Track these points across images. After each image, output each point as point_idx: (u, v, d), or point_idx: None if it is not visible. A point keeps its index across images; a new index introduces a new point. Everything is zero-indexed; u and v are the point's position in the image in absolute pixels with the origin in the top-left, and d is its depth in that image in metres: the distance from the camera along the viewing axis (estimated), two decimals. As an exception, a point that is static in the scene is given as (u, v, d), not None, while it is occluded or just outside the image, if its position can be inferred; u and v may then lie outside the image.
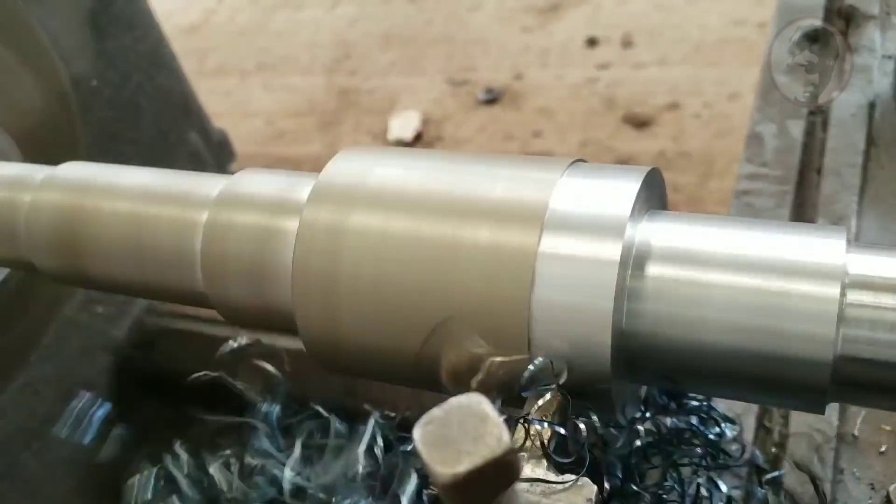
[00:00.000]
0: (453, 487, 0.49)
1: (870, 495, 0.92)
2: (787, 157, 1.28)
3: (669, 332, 0.67)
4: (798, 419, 1.00)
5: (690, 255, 0.67)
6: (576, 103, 3.24)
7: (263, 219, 0.81)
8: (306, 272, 0.75)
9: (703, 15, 3.49)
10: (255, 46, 4.05)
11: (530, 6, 3.79)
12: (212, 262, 0.83)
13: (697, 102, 3.10)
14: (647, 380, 0.78)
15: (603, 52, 3.45)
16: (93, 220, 0.92)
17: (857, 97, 1.33)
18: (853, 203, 1.18)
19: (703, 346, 0.66)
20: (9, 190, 1.01)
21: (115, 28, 1.75)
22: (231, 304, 0.85)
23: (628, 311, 0.67)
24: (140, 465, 1.07)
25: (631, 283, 0.67)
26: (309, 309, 0.76)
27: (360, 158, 0.80)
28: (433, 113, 3.37)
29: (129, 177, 0.95)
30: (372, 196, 0.75)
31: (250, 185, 0.85)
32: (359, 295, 0.73)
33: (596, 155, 2.96)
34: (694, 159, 2.86)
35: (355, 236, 0.74)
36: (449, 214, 0.72)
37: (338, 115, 3.50)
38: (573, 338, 0.66)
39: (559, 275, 0.66)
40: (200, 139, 2.10)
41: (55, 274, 0.99)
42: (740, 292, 0.64)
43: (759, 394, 0.73)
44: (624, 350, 0.68)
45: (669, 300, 0.66)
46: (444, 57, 3.65)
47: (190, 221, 0.85)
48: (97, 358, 1.83)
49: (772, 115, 1.34)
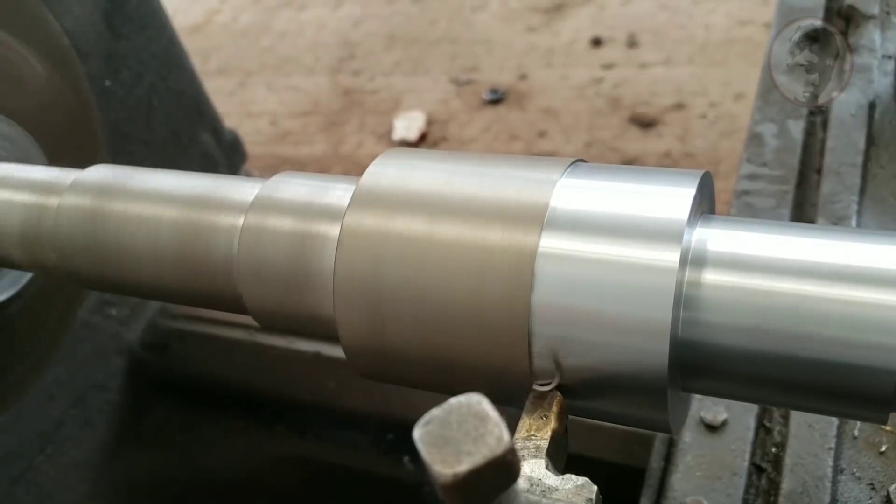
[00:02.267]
0: (453, 487, 0.49)
1: (870, 495, 0.92)
2: (787, 157, 1.28)
3: (729, 343, 0.64)
4: (798, 419, 1.00)
5: (751, 262, 0.65)
6: (581, 103, 3.24)
7: (303, 224, 0.80)
8: (349, 278, 0.74)
9: (709, 15, 3.49)
10: (259, 47, 4.05)
11: (535, 6, 3.79)
12: (249, 267, 0.82)
13: (703, 102, 3.10)
14: (699, 390, 0.75)
15: (608, 52, 3.45)
16: (124, 225, 0.91)
17: (857, 97, 1.33)
18: (853, 203, 1.18)
19: (767, 357, 0.63)
20: (36, 194, 1.00)
21: (127, 28, 1.74)
22: (268, 309, 0.83)
23: (684, 320, 0.65)
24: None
25: (687, 290, 0.65)
26: (351, 315, 0.75)
27: (399, 162, 0.79)
28: (438, 113, 3.37)
29: (160, 181, 0.93)
30: (415, 200, 0.74)
31: (287, 189, 0.84)
32: (404, 302, 0.71)
33: (601, 155, 2.96)
34: (700, 160, 2.86)
35: (400, 242, 0.72)
36: (495, 219, 0.70)
37: (342, 115, 3.50)
38: (624, 348, 0.64)
39: (606, 282, 0.64)
40: (213, 140, 2.09)
41: (84, 279, 0.97)
42: (807, 301, 0.62)
43: (819, 403, 0.70)
44: (677, 360, 0.65)
45: (729, 309, 0.64)
46: (449, 57, 3.65)
47: (226, 226, 0.84)
48: (110, 361, 1.84)
49: (772, 115, 1.34)
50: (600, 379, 0.67)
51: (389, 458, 1.79)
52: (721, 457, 1.00)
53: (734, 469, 0.98)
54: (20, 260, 1.03)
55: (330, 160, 3.28)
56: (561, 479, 0.63)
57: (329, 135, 3.42)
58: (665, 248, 0.63)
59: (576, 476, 0.63)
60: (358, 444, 1.88)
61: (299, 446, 1.93)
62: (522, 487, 0.61)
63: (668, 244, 0.63)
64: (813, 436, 0.97)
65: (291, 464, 1.90)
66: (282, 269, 0.80)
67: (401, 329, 0.73)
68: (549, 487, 0.62)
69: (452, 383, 0.73)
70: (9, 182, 1.04)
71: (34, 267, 1.05)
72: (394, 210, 0.74)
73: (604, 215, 0.67)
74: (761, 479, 0.99)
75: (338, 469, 1.89)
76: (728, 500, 0.96)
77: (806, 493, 0.93)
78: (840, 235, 0.66)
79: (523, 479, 0.62)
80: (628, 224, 0.66)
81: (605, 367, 0.66)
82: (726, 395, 0.79)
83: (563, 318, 0.66)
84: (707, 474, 0.99)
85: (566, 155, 0.84)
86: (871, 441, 0.96)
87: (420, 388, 0.80)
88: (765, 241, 0.66)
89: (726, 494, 0.96)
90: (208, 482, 1.91)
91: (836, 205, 1.19)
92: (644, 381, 0.65)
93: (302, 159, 3.29)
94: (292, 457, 1.92)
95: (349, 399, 1.82)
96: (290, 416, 1.94)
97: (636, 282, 0.63)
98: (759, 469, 0.99)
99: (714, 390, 0.76)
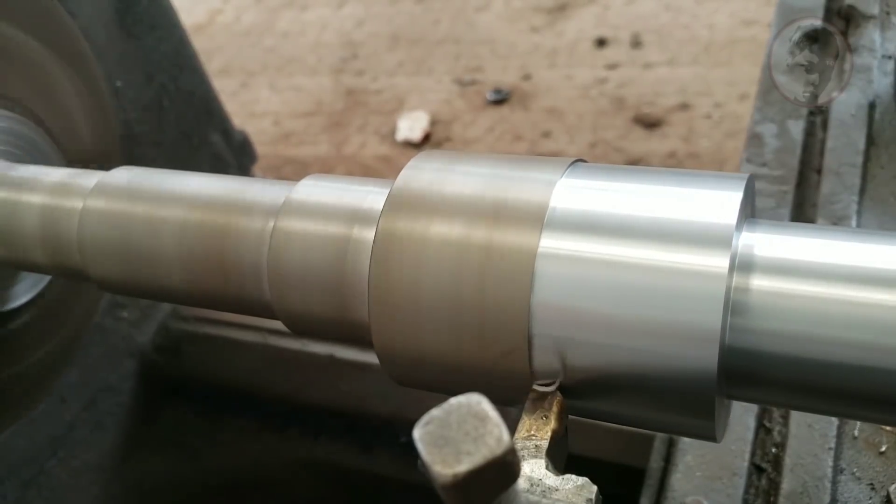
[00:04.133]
0: (453, 487, 0.49)
1: (870, 495, 0.92)
2: (787, 157, 1.28)
3: (779, 350, 0.63)
4: (798, 419, 1.00)
5: (800, 268, 0.63)
6: (585, 104, 3.23)
7: (335, 228, 0.78)
8: (385, 283, 0.72)
9: (713, 15, 3.48)
10: (261, 47, 4.05)
11: (538, 6, 3.78)
12: (280, 272, 0.80)
13: (708, 103, 3.09)
14: (743, 397, 0.73)
15: (612, 53, 3.44)
16: (151, 228, 0.89)
17: (857, 97, 1.33)
18: (853, 203, 1.18)
19: (817, 365, 0.62)
20: (58, 196, 0.98)
21: (138, 28, 1.72)
22: (299, 314, 0.82)
23: (731, 327, 0.63)
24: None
25: (734, 296, 0.63)
26: (386, 321, 0.73)
27: (433, 166, 0.77)
28: (441, 113, 3.37)
29: (186, 183, 0.92)
30: (453, 205, 0.72)
31: (317, 193, 0.83)
32: (443, 308, 0.70)
33: (605, 156, 2.96)
34: (705, 160, 2.85)
35: (437, 247, 0.70)
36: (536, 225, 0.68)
37: (345, 115, 3.50)
38: (671, 355, 0.63)
39: (651, 288, 0.63)
40: (223, 141, 2.07)
41: (110, 283, 0.96)
42: (859, 307, 0.60)
43: (871, 412, 0.68)
44: (723, 367, 0.64)
45: (778, 315, 0.62)
46: (452, 57, 3.64)
47: (256, 230, 0.83)
48: (122, 363, 1.82)
49: (772, 115, 1.34)
50: (638, 384, 0.65)
51: (403, 462, 1.78)
52: (721, 457, 1.00)
53: (734, 469, 0.98)
54: (43, 263, 1.02)
55: (333, 160, 3.28)
56: (561, 479, 0.63)
57: (332, 135, 3.41)
58: (714, 253, 0.62)
59: (576, 476, 0.63)
60: (372, 448, 1.85)
61: (313, 449, 1.91)
62: (522, 487, 0.61)
63: (716, 248, 0.62)
64: (813, 436, 0.97)
65: (304, 467, 1.89)
66: (313, 274, 0.79)
67: (438, 335, 0.71)
68: (549, 487, 0.63)
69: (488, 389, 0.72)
70: (29, 183, 1.03)
71: (57, 270, 1.03)
72: (431, 214, 0.72)
73: (648, 220, 0.66)
74: (761, 480, 0.99)
75: (351, 472, 1.86)
76: (728, 500, 0.95)
77: (806, 493, 0.93)
78: (888, 240, 0.64)
79: (523, 479, 0.62)
80: (675, 229, 0.64)
81: (648, 372, 0.64)
82: (771, 403, 0.78)
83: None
84: (707, 474, 0.99)
85: (570, 155, 0.83)
86: (871, 441, 0.96)
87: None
88: (813, 246, 0.64)
89: (726, 494, 0.96)
90: (220, 485, 1.90)
91: (835, 205, 1.19)
92: (689, 388, 0.63)
93: (305, 160, 3.29)
94: (305, 460, 1.89)
95: (363, 402, 1.80)
96: (303, 419, 1.92)
97: (683, 287, 0.62)
98: (759, 469, 0.99)
99: (759, 398, 0.75)
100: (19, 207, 1.01)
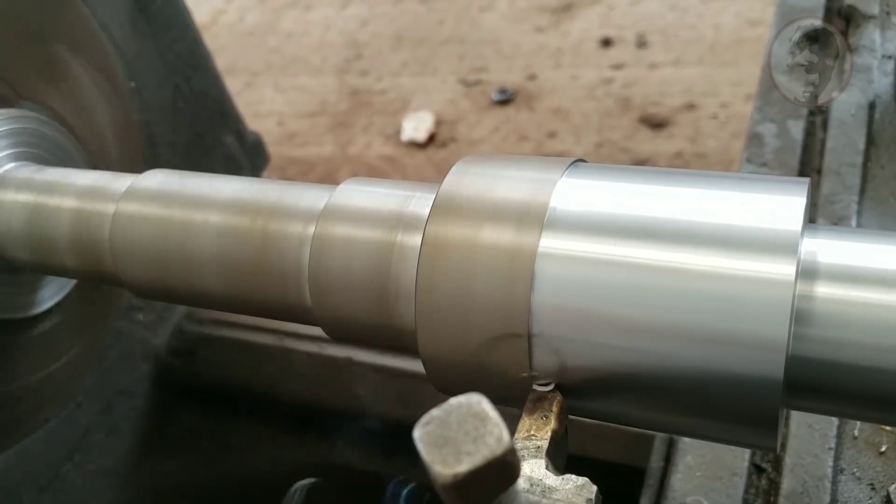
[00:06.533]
0: (453, 487, 0.49)
1: (870, 495, 0.92)
2: (787, 157, 1.28)
3: (844, 359, 0.61)
4: (798, 419, 1.00)
5: (865, 275, 0.62)
6: (590, 104, 3.22)
7: (378, 233, 0.77)
8: (434, 290, 0.70)
9: (718, 15, 3.47)
10: (265, 47, 4.03)
11: (543, 6, 3.77)
12: (321, 277, 0.79)
13: (714, 103, 3.07)
14: (804, 408, 0.72)
15: (617, 53, 3.43)
16: (186, 233, 0.88)
17: (857, 97, 1.33)
18: (853, 203, 1.18)
19: (884, 375, 0.60)
20: (88, 200, 0.97)
21: (152, 28, 1.70)
22: (340, 320, 0.81)
23: (795, 336, 0.62)
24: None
25: (798, 304, 0.62)
26: (435, 328, 0.71)
27: (481, 170, 0.75)
28: (446, 114, 3.36)
29: (220, 187, 0.90)
30: (503, 211, 0.70)
31: (359, 197, 0.81)
32: (494, 317, 0.68)
33: (612, 156, 2.95)
34: (711, 160, 2.84)
35: (488, 253, 0.69)
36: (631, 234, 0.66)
37: (350, 115, 3.49)
38: (735, 364, 0.61)
39: (717, 296, 0.61)
40: (236, 142, 2.04)
41: (142, 287, 0.95)
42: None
43: None
44: (787, 378, 0.62)
45: (844, 324, 0.61)
46: (457, 57, 3.63)
47: (296, 235, 0.81)
48: (137, 366, 1.80)
49: (772, 115, 1.35)
50: (705, 396, 0.64)
51: (422, 467, 1.75)
52: (721, 457, 1.00)
53: (734, 469, 0.98)
54: (73, 267, 1.01)
55: (338, 160, 3.28)
56: (561, 479, 0.63)
57: (337, 135, 3.40)
58: (779, 260, 0.60)
59: (576, 476, 0.63)
60: (391, 453, 1.81)
61: (330, 453, 1.87)
62: (522, 487, 0.61)
63: (782, 255, 0.60)
64: (813, 436, 0.97)
65: (321, 471, 1.87)
66: (356, 280, 0.77)
67: (492, 343, 0.69)
68: (549, 487, 0.63)
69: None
70: (58, 187, 1.01)
71: (87, 274, 1.02)
72: (481, 221, 0.70)
73: (712, 225, 0.64)
74: (761, 479, 0.99)
75: (369, 477, 1.82)
76: (728, 500, 0.95)
77: (806, 493, 0.93)
78: None
79: (523, 479, 0.62)
80: (740, 234, 0.63)
81: (709, 383, 0.63)
82: (834, 413, 0.78)
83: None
84: (707, 474, 0.99)
85: (575, 156, 0.83)
86: (871, 441, 0.96)
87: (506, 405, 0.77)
88: (877, 252, 0.63)
89: (726, 494, 0.96)
90: (236, 489, 1.87)
91: (836, 205, 1.19)
92: (749, 399, 0.62)
93: (310, 160, 3.28)
94: (322, 464, 1.86)
95: (381, 406, 1.76)
96: (320, 423, 1.89)
97: (746, 294, 0.60)
98: (759, 469, 0.99)
99: (820, 408, 0.73)
100: (49, 211, 1.00)
